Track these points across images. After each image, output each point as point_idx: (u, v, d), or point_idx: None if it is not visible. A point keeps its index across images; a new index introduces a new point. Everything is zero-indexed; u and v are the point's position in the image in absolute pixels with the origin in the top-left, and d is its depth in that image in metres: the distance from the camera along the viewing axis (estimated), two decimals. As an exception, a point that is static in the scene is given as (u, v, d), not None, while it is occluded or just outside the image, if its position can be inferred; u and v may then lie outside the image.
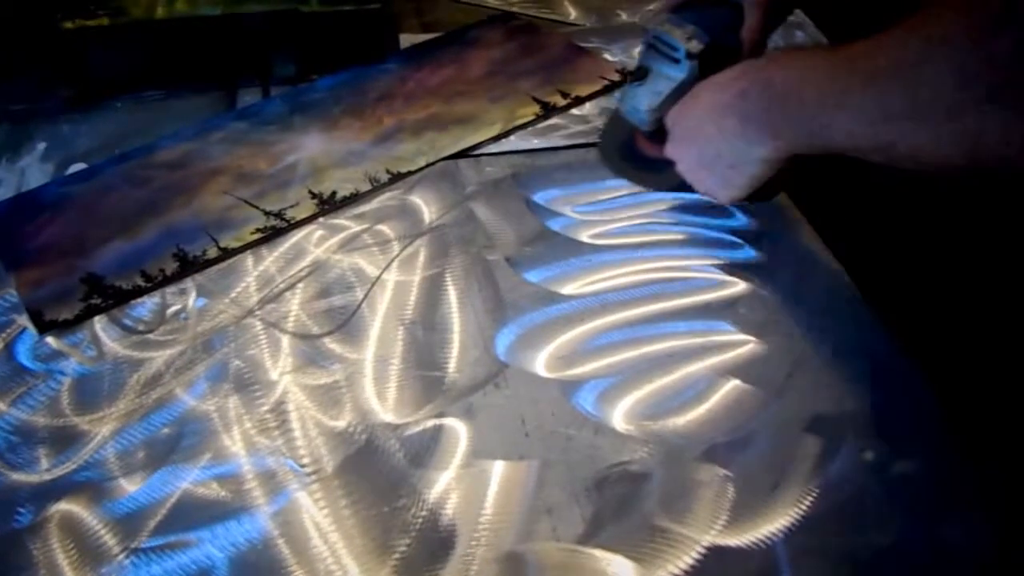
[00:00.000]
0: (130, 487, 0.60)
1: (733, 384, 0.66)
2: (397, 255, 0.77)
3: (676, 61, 0.72)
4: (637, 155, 0.83)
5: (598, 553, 0.56)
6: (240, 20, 0.98)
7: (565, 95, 0.97)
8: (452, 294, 0.74)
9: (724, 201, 0.68)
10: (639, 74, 0.75)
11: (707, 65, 0.70)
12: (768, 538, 0.57)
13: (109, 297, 0.73)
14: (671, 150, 0.71)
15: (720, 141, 0.63)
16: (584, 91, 0.97)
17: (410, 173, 0.87)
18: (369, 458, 0.62)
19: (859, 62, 0.50)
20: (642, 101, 0.75)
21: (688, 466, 0.61)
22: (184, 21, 0.98)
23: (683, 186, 0.74)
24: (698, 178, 0.69)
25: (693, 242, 0.78)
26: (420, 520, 0.58)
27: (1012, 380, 0.65)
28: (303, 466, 0.61)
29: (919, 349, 0.68)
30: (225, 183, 0.85)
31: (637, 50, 1.05)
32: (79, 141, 0.92)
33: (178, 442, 0.63)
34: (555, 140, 0.91)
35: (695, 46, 0.70)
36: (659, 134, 0.74)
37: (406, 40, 1.09)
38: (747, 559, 0.56)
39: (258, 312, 0.72)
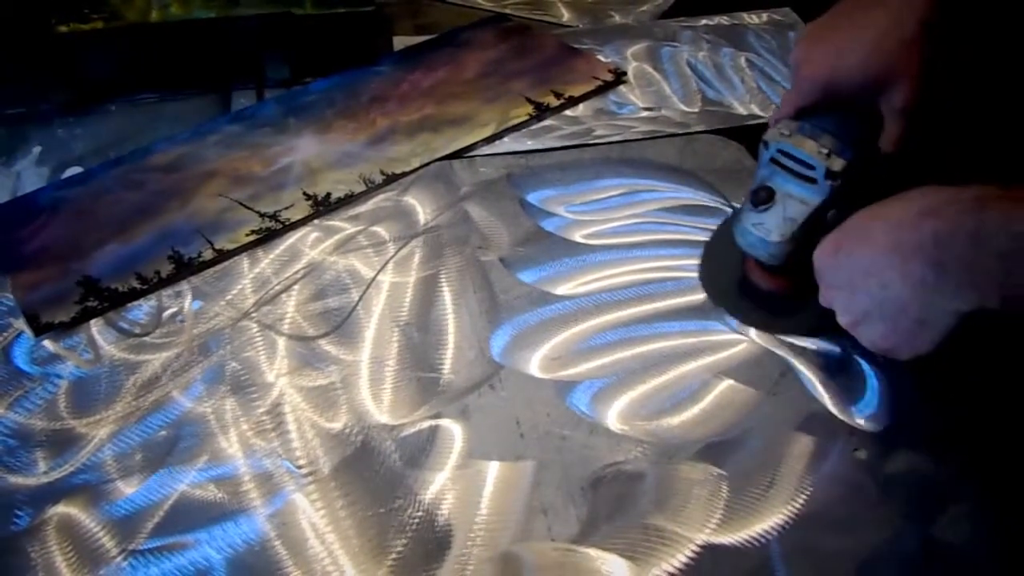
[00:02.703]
0: (128, 489, 0.60)
1: (727, 384, 0.67)
2: (392, 256, 0.78)
3: (812, 181, 0.61)
4: (754, 290, 0.71)
5: (593, 552, 0.56)
6: (234, 23, 0.98)
7: (558, 96, 0.97)
8: (447, 295, 0.74)
9: (904, 357, 0.56)
10: (762, 196, 0.63)
11: (849, 185, 0.61)
12: (762, 536, 0.57)
13: (105, 300, 0.73)
14: (828, 296, 0.59)
15: (904, 291, 0.52)
16: (577, 92, 0.98)
17: (404, 174, 0.87)
18: (365, 459, 0.62)
19: None
20: (770, 230, 0.63)
21: (682, 465, 0.61)
22: (178, 25, 0.98)
23: (819, 329, 0.67)
24: (870, 332, 0.56)
25: (686, 242, 0.79)
26: (416, 521, 0.58)
27: (1006, 378, 0.65)
28: (299, 467, 0.61)
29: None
30: (220, 186, 0.85)
31: (634, 52, 1.06)
32: (74, 145, 0.92)
33: (175, 444, 0.63)
34: (548, 141, 0.91)
35: (837, 163, 0.60)
36: (784, 267, 0.65)
37: (400, 42, 1.09)
38: (741, 557, 0.56)
39: (254, 314, 0.73)
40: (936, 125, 0.62)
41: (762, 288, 0.70)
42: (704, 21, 1.14)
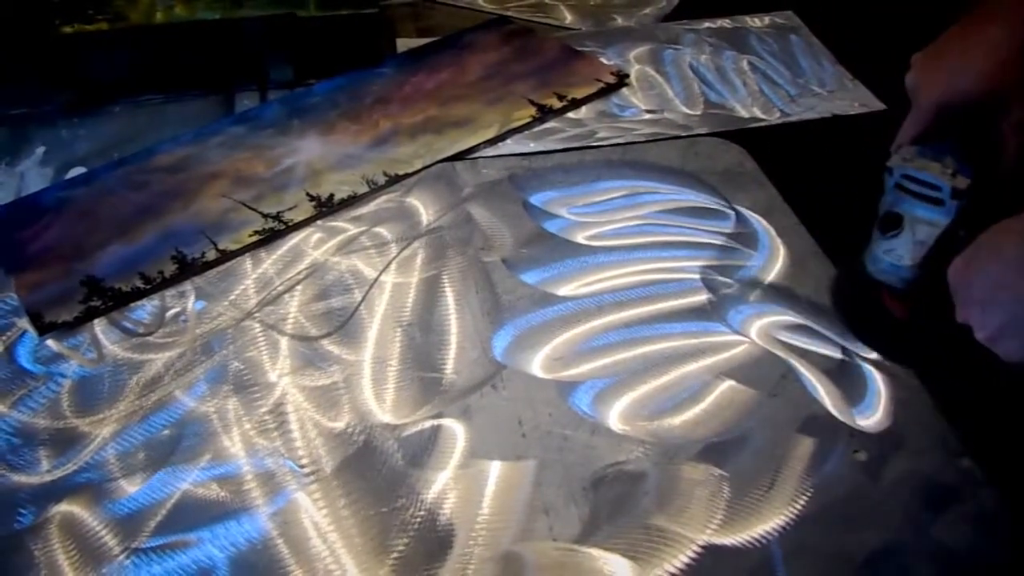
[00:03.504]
0: (130, 488, 0.60)
1: (728, 384, 0.67)
2: (395, 257, 0.78)
3: (939, 203, 0.62)
4: (885, 316, 0.69)
5: (595, 552, 0.56)
6: (238, 25, 0.99)
7: (561, 98, 0.97)
8: (449, 296, 0.74)
9: None
10: (891, 223, 0.64)
11: (974, 203, 0.61)
12: (763, 537, 0.57)
13: (108, 299, 0.74)
14: (963, 313, 0.58)
15: None
16: (580, 94, 0.98)
17: (407, 175, 0.87)
18: (367, 459, 0.62)
19: None
20: (903, 255, 0.64)
21: (684, 466, 0.61)
22: (182, 26, 0.98)
23: (945, 352, 0.66)
24: (1008, 346, 0.56)
25: (688, 244, 0.79)
26: (418, 520, 0.58)
27: (1007, 378, 0.65)
28: (302, 467, 0.62)
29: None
30: (223, 186, 0.86)
31: (637, 54, 1.06)
32: (78, 145, 0.92)
33: (178, 443, 0.63)
34: (551, 143, 0.92)
35: (962, 182, 0.61)
36: (917, 292, 0.65)
37: (403, 44, 1.09)
38: (742, 558, 0.56)
39: (257, 314, 0.73)
40: None
41: (897, 314, 0.69)
42: (706, 24, 1.14)
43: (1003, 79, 0.59)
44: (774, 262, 0.77)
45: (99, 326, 0.72)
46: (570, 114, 0.96)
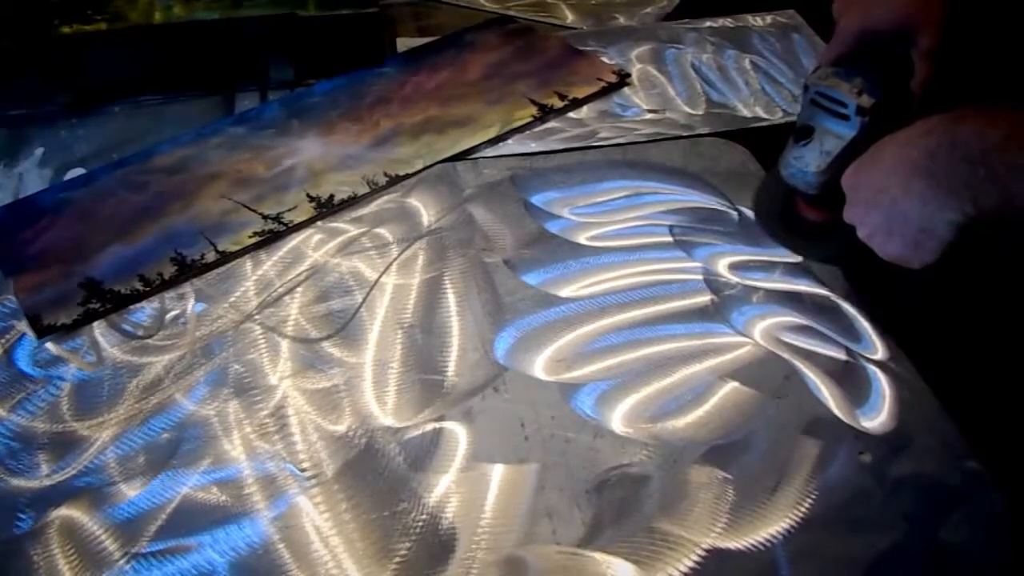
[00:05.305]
0: (130, 492, 0.60)
1: (732, 386, 0.66)
2: (395, 258, 0.78)
3: (845, 118, 0.67)
4: (799, 221, 0.77)
5: (598, 556, 0.56)
6: (238, 25, 0.98)
7: (562, 97, 0.97)
8: (451, 297, 0.74)
9: (915, 266, 0.61)
10: (803, 133, 0.70)
11: (879, 121, 0.65)
12: (767, 540, 0.57)
13: (108, 302, 0.73)
14: (850, 214, 0.65)
15: (908, 203, 0.58)
16: (581, 93, 0.97)
17: (408, 176, 0.87)
18: (369, 462, 0.62)
19: None
20: (809, 163, 0.69)
21: (687, 468, 0.61)
22: (182, 26, 0.98)
23: (853, 253, 0.68)
24: (884, 244, 0.62)
25: (691, 244, 0.78)
26: (420, 523, 0.58)
27: (1011, 380, 0.65)
28: (303, 470, 0.61)
29: (917, 350, 0.68)
30: (223, 187, 0.85)
31: (638, 54, 1.06)
32: (77, 146, 0.92)
33: (178, 447, 0.63)
34: (552, 143, 0.91)
35: (866, 101, 0.65)
36: (824, 197, 0.70)
37: (403, 44, 1.09)
38: (746, 561, 0.56)
39: (257, 316, 0.72)
40: (964, 67, 0.67)
41: (804, 217, 0.76)
42: (708, 23, 1.14)
43: (915, 11, 0.64)
44: (777, 261, 0.77)
45: (98, 329, 0.72)
46: (571, 114, 0.96)
